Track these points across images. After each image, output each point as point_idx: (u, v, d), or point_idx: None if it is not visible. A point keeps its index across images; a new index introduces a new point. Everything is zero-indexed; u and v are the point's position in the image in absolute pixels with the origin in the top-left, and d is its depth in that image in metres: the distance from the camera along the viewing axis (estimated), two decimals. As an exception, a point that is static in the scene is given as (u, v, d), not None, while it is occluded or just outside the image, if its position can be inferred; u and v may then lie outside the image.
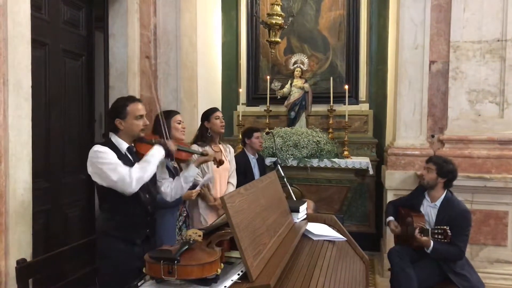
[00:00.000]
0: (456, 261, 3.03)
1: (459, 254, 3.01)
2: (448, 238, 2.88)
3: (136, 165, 2.18)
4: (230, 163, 3.44)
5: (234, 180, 3.46)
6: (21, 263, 2.06)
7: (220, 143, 3.41)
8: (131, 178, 2.09)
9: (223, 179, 3.33)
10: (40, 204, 2.93)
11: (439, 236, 2.91)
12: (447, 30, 3.99)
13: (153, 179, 2.40)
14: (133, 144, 2.32)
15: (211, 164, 3.18)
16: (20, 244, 2.45)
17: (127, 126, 2.24)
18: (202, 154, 2.60)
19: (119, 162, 2.14)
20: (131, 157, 2.27)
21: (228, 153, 3.45)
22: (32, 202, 2.59)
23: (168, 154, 2.34)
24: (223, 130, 3.35)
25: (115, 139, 2.27)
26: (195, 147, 3.19)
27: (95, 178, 2.16)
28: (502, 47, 3.84)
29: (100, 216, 2.30)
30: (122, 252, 2.19)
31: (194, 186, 2.95)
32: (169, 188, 2.51)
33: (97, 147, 2.17)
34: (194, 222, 3.21)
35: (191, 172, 2.52)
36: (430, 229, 2.98)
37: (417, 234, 2.98)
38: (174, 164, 2.80)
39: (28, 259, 2.31)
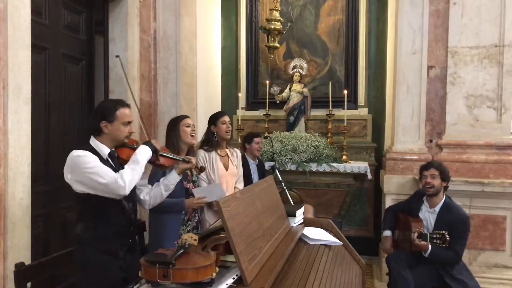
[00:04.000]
0: (454, 266, 3.05)
1: (456, 259, 3.03)
2: (446, 243, 2.89)
3: (126, 167, 2.08)
4: (237, 168, 3.36)
5: (241, 186, 3.37)
6: (19, 267, 2.07)
7: (227, 148, 3.34)
8: (124, 180, 2.01)
9: (230, 184, 3.25)
10: (40, 208, 2.95)
11: (438, 241, 2.93)
12: (445, 36, 4.01)
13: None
14: (114, 149, 2.20)
15: (218, 168, 3.16)
16: (19, 247, 2.46)
17: (112, 130, 2.13)
18: (184, 161, 2.52)
19: (103, 165, 2.03)
20: (113, 163, 2.16)
21: (235, 158, 3.38)
22: (32, 206, 2.60)
23: (155, 151, 2.23)
24: (228, 136, 3.26)
25: (95, 143, 2.14)
26: (200, 152, 3.18)
27: (76, 186, 2.05)
28: (499, 53, 3.86)
29: (80, 225, 2.16)
30: (105, 263, 2.09)
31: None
32: (148, 196, 2.43)
33: (77, 152, 2.04)
34: (205, 227, 3.07)
35: (172, 179, 2.45)
36: (428, 233, 2.99)
37: (414, 239, 2.99)
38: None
39: (27, 262, 2.31)
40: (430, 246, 2.97)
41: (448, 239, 2.89)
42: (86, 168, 1.99)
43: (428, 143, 4.11)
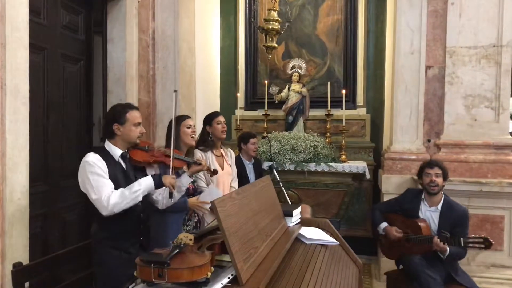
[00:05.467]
0: (457, 262, 3.09)
1: (464, 253, 3.06)
2: (491, 247, 2.84)
3: (120, 190, 2.18)
4: (231, 168, 3.40)
5: (236, 184, 3.42)
6: (17, 267, 2.09)
7: (221, 148, 3.38)
8: (108, 202, 2.12)
9: (226, 183, 3.29)
10: (38, 208, 2.95)
11: (478, 245, 2.86)
12: (443, 36, 4.02)
13: None
14: (126, 150, 2.35)
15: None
16: (17, 247, 2.47)
17: (125, 132, 2.29)
18: (195, 163, 2.60)
19: (105, 180, 2.17)
20: (124, 164, 2.32)
21: (230, 158, 3.41)
22: (30, 206, 2.60)
23: (160, 184, 2.31)
24: (224, 136, 3.30)
25: (108, 146, 2.31)
26: (197, 152, 3.19)
27: (81, 187, 2.22)
28: (497, 53, 3.87)
29: (94, 224, 2.33)
30: (117, 259, 2.24)
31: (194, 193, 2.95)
32: (161, 196, 2.50)
33: (88, 158, 2.20)
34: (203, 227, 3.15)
35: (184, 181, 2.55)
36: (462, 238, 2.91)
37: (439, 243, 2.94)
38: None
39: (25, 262, 2.33)
40: (448, 248, 2.94)
41: (493, 242, 2.84)
42: (88, 177, 2.16)
43: (426, 143, 4.12)
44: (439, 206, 3.17)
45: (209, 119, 3.29)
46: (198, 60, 4.91)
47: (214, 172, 2.74)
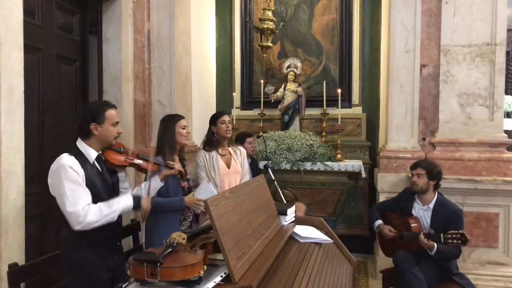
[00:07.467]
0: (451, 261, 3.08)
1: (457, 253, 3.05)
2: (467, 243, 2.86)
3: (98, 206, 2.04)
4: (242, 166, 3.38)
5: None
6: (13, 267, 2.09)
7: (230, 146, 3.37)
8: (84, 219, 1.97)
9: (233, 181, 3.27)
10: (34, 209, 2.95)
11: (456, 241, 2.88)
12: (437, 34, 4.04)
13: (117, 191, 2.30)
14: (101, 152, 2.21)
15: (218, 167, 3.19)
16: (13, 248, 2.47)
17: (102, 131, 2.13)
18: (167, 167, 2.52)
19: (82, 189, 2.02)
20: (100, 167, 2.17)
21: (239, 155, 3.40)
22: (26, 207, 2.61)
23: (138, 206, 2.20)
24: (228, 135, 3.29)
25: (82, 147, 2.14)
26: (201, 153, 3.21)
27: (52, 191, 2.05)
28: (491, 51, 3.89)
29: (66, 230, 2.13)
30: (93, 265, 2.11)
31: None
32: None
33: (64, 160, 2.03)
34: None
35: (154, 185, 2.42)
36: (442, 234, 2.94)
37: (422, 240, 2.97)
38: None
39: (21, 263, 2.33)
40: (435, 245, 2.96)
41: (469, 238, 2.86)
42: (64, 185, 1.99)
43: (421, 142, 4.13)
44: (431, 205, 3.19)
45: (213, 119, 3.30)
46: (194, 60, 4.91)
47: (182, 175, 2.70)
